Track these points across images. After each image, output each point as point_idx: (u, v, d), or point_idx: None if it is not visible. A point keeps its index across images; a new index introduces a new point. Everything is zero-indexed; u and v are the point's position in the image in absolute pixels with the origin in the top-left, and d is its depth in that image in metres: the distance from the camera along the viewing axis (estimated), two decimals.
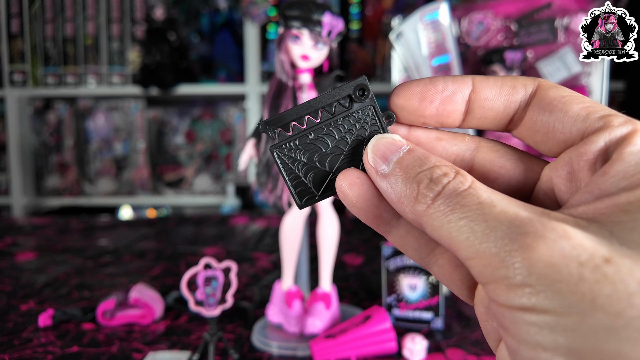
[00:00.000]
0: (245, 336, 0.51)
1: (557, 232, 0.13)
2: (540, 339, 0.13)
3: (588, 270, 0.12)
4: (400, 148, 0.17)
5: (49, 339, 0.51)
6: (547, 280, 0.12)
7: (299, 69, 0.48)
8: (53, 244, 0.95)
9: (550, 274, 0.12)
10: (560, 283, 0.12)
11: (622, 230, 0.13)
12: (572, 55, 0.49)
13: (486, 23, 0.52)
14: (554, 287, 0.12)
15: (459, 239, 0.14)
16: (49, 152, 1.59)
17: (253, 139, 0.50)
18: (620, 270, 0.12)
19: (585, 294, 0.12)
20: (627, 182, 0.14)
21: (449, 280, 0.18)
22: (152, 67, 1.44)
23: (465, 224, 0.14)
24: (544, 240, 0.13)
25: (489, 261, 0.13)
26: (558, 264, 0.12)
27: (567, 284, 0.12)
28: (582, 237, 0.13)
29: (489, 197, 0.14)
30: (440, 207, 0.15)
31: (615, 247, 0.13)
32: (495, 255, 0.13)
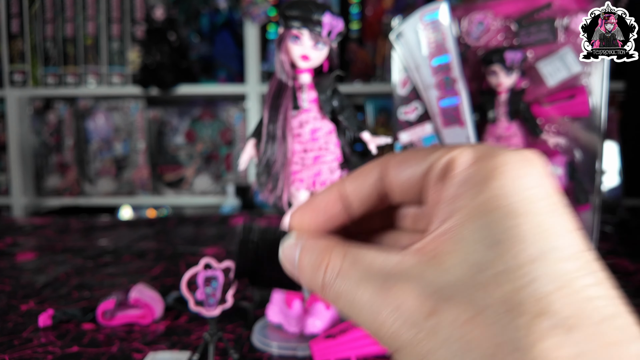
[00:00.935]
0: (245, 336, 0.51)
1: (394, 305, 0.15)
2: None
3: (411, 334, 0.14)
4: (295, 256, 0.19)
5: (49, 339, 0.51)
6: (393, 345, 0.15)
7: (299, 69, 0.48)
8: (53, 244, 0.95)
9: (392, 344, 0.15)
10: (398, 352, 0.15)
11: (450, 266, 0.15)
12: (572, 55, 0.49)
13: (486, 23, 0.52)
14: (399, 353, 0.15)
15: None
16: (49, 152, 1.59)
17: (253, 139, 0.50)
18: (441, 320, 0.14)
19: (420, 353, 0.14)
20: (454, 204, 0.16)
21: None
22: (152, 67, 1.44)
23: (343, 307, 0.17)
24: (387, 323, 0.15)
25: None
26: (401, 334, 0.14)
27: (414, 346, 0.14)
28: (411, 295, 0.15)
29: (348, 282, 0.16)
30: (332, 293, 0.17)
31: (442, 292, 0.14)
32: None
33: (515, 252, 0.13)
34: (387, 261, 0.16)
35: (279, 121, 0.47)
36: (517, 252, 0.13)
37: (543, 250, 0.13)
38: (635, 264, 0.70)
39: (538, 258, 0.13)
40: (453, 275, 0.14)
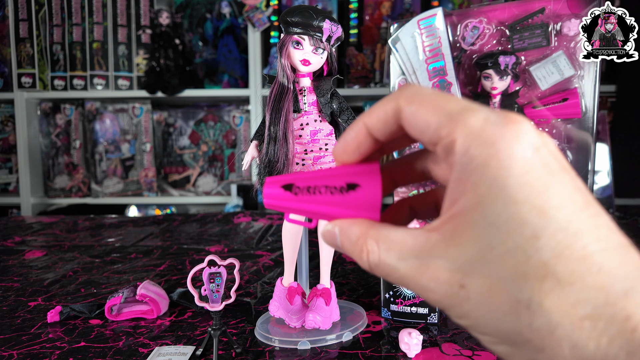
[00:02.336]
0: (248, 330, 0.52)
1: (434, 279, 0.18)
2: None
3: (452, 300, 0.18)
4: (335, 236, 0.22)
5: (56, 335, 0.52)
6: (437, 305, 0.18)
7: (300, 73, 0.49)
8: (61, 242, 0.97)
9: (439, 306, 0.18)
10: (447, 310, 0.18)
11: (467, 245, 0.17)
12: (564, 59, 0.50)
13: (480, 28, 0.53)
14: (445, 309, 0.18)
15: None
16: (57, 153, 1.62)
17: (255, 140, 0.51)
18: (470, 290, 0.17)
19: (462, 313, 0.18)
20: (462, 187, 0.17)
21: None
22: (157, 71, 1.46)
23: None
24: (433, 292, 0.18)
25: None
26: (445, 299, 0.18)
27: (455, 307, 0.18)
28: (443, 270, 0.18)
29: (392, 261, 0.19)
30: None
31: (465, 268, 0.17)
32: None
33: (520, 232, 0.16)
34: (415, 241, 0.19)
35: (281, 123, 0.48)
36: (521, 232, 0.16)
37: (542, 227, 0.16)
38: None
39: (539, 234, 0.16)
40: (470, 253, 0.17)
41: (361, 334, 0.51)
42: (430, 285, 0.18)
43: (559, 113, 0.50)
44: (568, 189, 0.17)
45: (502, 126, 0.17)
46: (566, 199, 0.16)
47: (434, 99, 0.19)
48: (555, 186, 0.16)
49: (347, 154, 0.22)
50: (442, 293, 0.18)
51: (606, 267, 0.15)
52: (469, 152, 0.17)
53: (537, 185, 0.16)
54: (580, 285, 0.15)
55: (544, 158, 0.17)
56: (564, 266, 0.15)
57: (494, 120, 0.17)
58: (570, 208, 0.16)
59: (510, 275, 0.16)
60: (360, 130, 0.21)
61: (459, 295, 0.17)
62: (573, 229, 0.16)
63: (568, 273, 0.15)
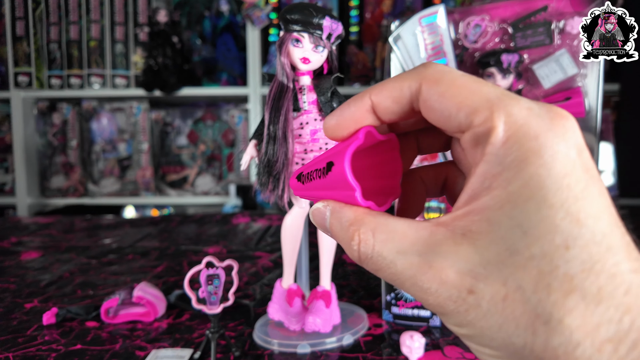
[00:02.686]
0: (246, 333, 0.52)
1: (437, 280, 0.16)
2: None
3: (456, 305, 0.16)
4: (325, 216, 0.20)
5: (52, 337, 0.52)
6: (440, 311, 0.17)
7: (300, 71, 0.49)
8: (57, 243, 0.96)
9: (438, 311, 0.17)
10: (445, 316, 0.16)
11: (483, 246, 0.15)
12: (568, 57, 0.49)
13: (483, 26, 0.53)
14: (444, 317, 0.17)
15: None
16: (53, 152, 1.61)
17: (254, 140, 0.50)
18: (480, 297, 0.15)
19: (464, 321, 0.16)
20: (489, 182, 0.16)
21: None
22: (155, 69, 1.45)
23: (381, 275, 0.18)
24: (432, 294, 0.16)
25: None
26: (446, 304, 0.16)
27: (457, 315, 0.16)
28: (451, 271, 0.16)
29: (388, 255, 0.17)
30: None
31: (477, 272, 0.15)
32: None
33: (549, 239, 0.15)
34: (418, 235, 0.17)
35: (280, 122, 0.47)
36: (551, 240, 0.14)
37: (575, 237, 0.14)
38: None
39: (570, 245, 0.14)
40: (486, 255, 0.15)
41: (362, 337, 0.51)
42: (432, 287, 0.16)
43: None
44: (606, 199, 0.15)
45: (548, 120, 0.15)
46: (604, 210, 0.15)
47: (467, 81, 0.17)
48: (594, 195, 0.15)
49: (340, 130, 0.20)
50: (445, 296, 0.16)
51: (634, 289, 0.14)
52: (507, 143, 0.15)
53: (576, 190, 0.15)
54: (606, 305, 0.14)
55: (586, 162, 0.15)
56: (592, 283, 0.14)
57: (538, 112, 0.15)
58: (607, 221, 0.15)
59: (532, 285, 0.14)
60: (363, 105, 0.19)
61: (465, 302, 0.15)
62: (607, 243, 0.14)
63: (596, 290, 0.14)
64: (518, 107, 0.15)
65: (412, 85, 0.18)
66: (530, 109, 0.15)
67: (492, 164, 0.16)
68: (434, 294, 0.16)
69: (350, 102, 0.19)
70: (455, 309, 0.16)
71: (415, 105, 0.18)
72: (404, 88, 0.18)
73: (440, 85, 0.17)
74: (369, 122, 0.19)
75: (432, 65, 0.18)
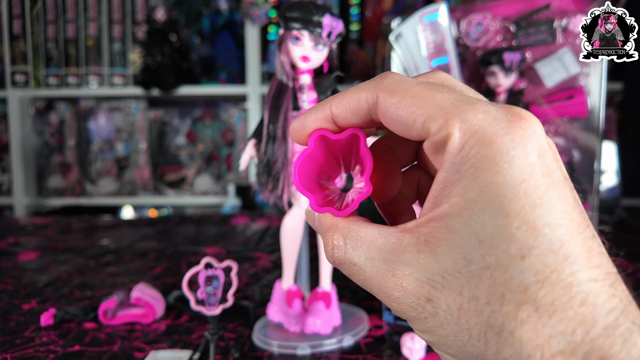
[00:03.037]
0: (246, 335, 0.51)
1: (399, 288, 0.16)
2: None
3: (416, 312, 0.16)
4: (314, 219, 0.21)
5: (50, 338, 0.51)
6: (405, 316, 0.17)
7: (299, 70, 0.48)
8: (55, 243, 0.96)
9: (402, 316, 0.17)
10: (410, 322, 0.17)
11: (442, 254, 0.15)
12: (570, 56, 0.49)
13: (485, 24, 0.52)
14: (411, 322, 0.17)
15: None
16: (50, 152, 1.60)
17: (253, 139, 0.50)
18: (437, 306, 0.16)
19: (425, 327, 0.16)
20: (448, 190, 0.16)
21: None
22: (153, 68, 1.44)
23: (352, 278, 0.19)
24: (396, 300, 0.17)
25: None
26: (408, 311, 0.16)
27: (418, 321, 0.16)
28: (411, 279, 0.16)
29: (358, 261, 0.18)
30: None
31: (435, 280, 0.16)
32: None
33: (504, 248, 0.14)
34: (386, 241, 0.17)
35: (280, 122, 0.47)
36: (506, 249, 0.14)
37: (531, 246, 0.14)
38: (633, 263, 0.70)
39: (526, 254, 0.14)
40: (444, 264, 0.15)
41: (362, 338, 0.50)
42: (395, 294, 0.16)
43: (565, 112, 0.49)
44: (567, 205, 0.15)
45: (505, 123, 0.15)
46: (564, 216, 0.15)
47: (421, 90, 0.16)
48: (553, 200, 0.15)
49: (301, 137, 0.20)
50: (407, 304, 0.16)
51: (591, 299, 0.14)
52: (462, 151, 0.15)
53: (534, 197, 0.14)
54: (559, 317, 0.14)
55: (548, 165, 0.15)
56: (546, 294, 0.14)
57: (495, 116, 0.15)
58: (566, 228, 0.14)
59: (485, 295, 0.14)
60: (323, 115, 0.19)
61: (424, 310, 0.16)
62: (564, 252, 0.14)
63: (549, 302, 0.14)
64: (473, 112, 0.15)
65: (368, 98, 0.18)
66: (485, 113, 0.15)
67: (450, 172, 0.16)
68: (396, 301, 0.17)
69: (312, 110, 0.20)
70: (416, 316, 0.16)
71: (374, 116, 0.18)
72: (361, 100, 0.18)
73: (394, 96, 0.17)
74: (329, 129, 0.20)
75: (389, 76, 0.18)
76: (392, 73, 0.18)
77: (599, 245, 0.15)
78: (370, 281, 0.17)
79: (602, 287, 0.14)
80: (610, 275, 0.15)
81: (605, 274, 0.14)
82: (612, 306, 0.14)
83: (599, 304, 0.14)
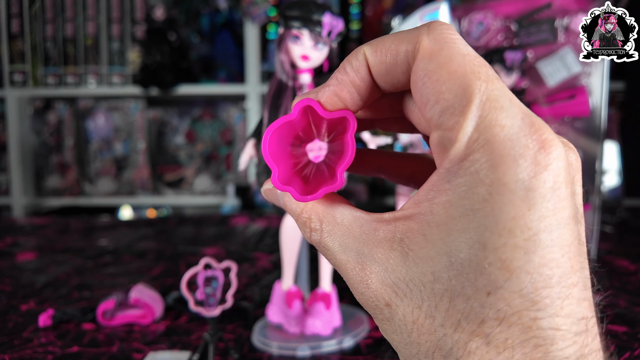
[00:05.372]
0: (245, 336, 0.51)
1: (363, 285, 0.16)
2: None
3: (375, 312, 0.16)
4: (278, 195, 0.20)
5: (49, 339, 0.51)
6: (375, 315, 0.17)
7: (299, 69, 0.48)
8: (53, 244, 0.95)
9: (366, 309, 0.17)
10: (374, 319, 0.17)
11: (412, 261, 0.15)
12: (572, 55, 0.49)
13: (486, 23, 0.52)
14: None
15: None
16: (49, 152, 1.59)
17: (253, 139, 0.50)
18: (394, 313, 0.15)
19: (382, 327, 0.16)
20: (433, 195, 0.15)
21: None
22: (152, 67, 1.44)
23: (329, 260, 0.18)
24: (359, 294, 0.17)
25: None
26: (369, 308, 0.16)
27: (377, 320, 0.17)
28: (376, 279, 0.16)
29: (332, 247, 0.17)
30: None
31: (398, 287, 0.15)
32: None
33: (472, 279, 0.14)
34: (362, 230, 0.17)
35: None
36: (474, 280, 0.14)
37: (499, 286, 0.13)
38: (635, 263, 0.70)
39: (492, 292, 0.14)
40: (412, 273, 0.15)
41: (363, 339, 0.50)
42: (359, 288, 0.16)
43: (566, 112, 0.49)
44: (558, 250, 0.13)
45: (521, 148, 0.13)
46: (548, 263, 0.13)
47: (464, 66, 0.14)
48: (542, 245, 0.13)
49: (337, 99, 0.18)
50: (368, 302, 0.16)
51: (546, 345, 0.13)
52: (464, 162, 0.14)
53: (519, 238, 0.13)
54: (508, 355, 0.13)
55: (555, 204, 0.13)
56: (501, 331, 0.13)
57: (515, 135, 0.13)
58: (545, 275, 0.13)
59: (442, 317, 0.14)
60: (359, 67, 0.17)
61: (382, 312, 0.16)
62: (534, 298, 0.13)
63: (502, 339, 0.13)
64: (497, 119, 0.13)
65: (409, 50, 0.15)
66: (504, 129, 0.13)
67: (442, 179, 0.14)
68: (360, 295, 0.16)
69: (344, 64, 0.17)
70: (375, 315, 0.16)
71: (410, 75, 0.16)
72: (400, 53, 0.16)
73: (433, 60, 0.14)
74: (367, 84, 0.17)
75: (437, 28, 0.15)
76: (442, 24, 0.15)
77: (580, 291, 0.14)
78: (340, 267, 0.17)
79: (563, 335, 0.13)
80: (580, 323, 0.14)
81: (572, 323, 0.14)
82: (565, 354, 0.13)
83: (552, 351, 0.13)
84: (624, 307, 0.53)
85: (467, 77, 0.14)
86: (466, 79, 0.14)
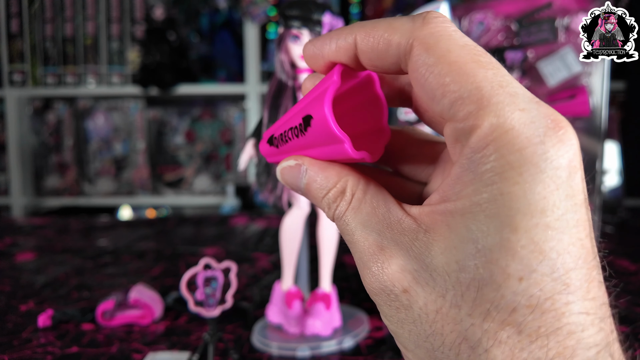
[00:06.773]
0: (245, 337, 0.51)
1: (379, 266, 0.16)
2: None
3: (387, 299, 0.15)
4: (300, 174, 0.18)
5: (48, 340, 0.51)
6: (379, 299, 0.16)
7: (299, 68, 0.48)
8: (52, 244, 0.95)
9: (371, 294, 0.16)
10: (379, 305, 0.16)
11: (437, 250, 0.14)
12: (572, 55, 0.49)
13: (486, 23, 0.52)
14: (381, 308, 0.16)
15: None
16: (48, 152, 1.59)
17: (253, 138, 0.50)
18: (413, 301, 0.15)
19: (393, 317, 0.16)
20: (459, 188, 0.14)
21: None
22: (151, 67, 1.44)
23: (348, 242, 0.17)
24: (370, 275, 0.16)
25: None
26: (379, 293, 0.16)
27: (387, 307, 0.16)
28: (395, 263, 0.15)
29: (353, 224, 0.17)
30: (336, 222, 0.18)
31: (420, 274, 0.15)
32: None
33: (503, 265, 0.13)
34: (387, 215, 0.16)
35: None
36: (505, 267, 0.13)
37: (532, 269, 0.13)
38: (636, 264, 0.70)
39: (525, 277, 0.13)
40: (435, 262, 0.14)
41: (363, 340, 0.50)
42: (373, 270, 0.15)
43: (566, 111, 0.49)
44: (582, 231, 0.14)
45: (543, 128, 0.13)
46: (576, 242, 0.13)
47: (464, 57, 0.14)
48: (569, 224, 0.13)
49: (316, 64, 0.18)
50: (380, 287, 0.15)
51: (578, 332, 0.13)
52: (485, 150, 0.13)
53: (550, 217, 0.13)
54: (540, 344, 0.13)
55: (574, 186, 0.13)
56: (534, 319, 0.13)
57: (533, 117, 0.13)
58: (575, 255, 0.13)
59: (469, 307, 0.13)
60: (345, 46, 0.17)
61: (397, 299, 0.15)
62: (566, 280, 0.13)
63: (535, 328, 0.13)
64: (511, 106, 0.13)
65: (401, 44, 0.15)
66: (524, 112, 0.13)
67: (465, 170, 0.14)
68: (372, 278, 0.16)
69: (332, 36, 0.17)
70: (387, 303, 0.15)
71: (403, 66, 0.16)
72: (392, 45, 0.15)
73: (431, 54, 0.14)
74: (347, 61, 0.17)
75: (432, 21, 0.15)
76: (437, 15, 0.15)
77: (599, 274, 0.14)
78: (356, 245, 0.16)
79: (592, 320, 0.13)
80: (603, 308, 0.14)
81: (598, 307, 0.14)
82: (596, 341, 0.13)
83: (584, 337, 0.13)
84: (624, 307, 0.53)
85: (469, 65, 0.14)
86: (468, 68, 0.14)
